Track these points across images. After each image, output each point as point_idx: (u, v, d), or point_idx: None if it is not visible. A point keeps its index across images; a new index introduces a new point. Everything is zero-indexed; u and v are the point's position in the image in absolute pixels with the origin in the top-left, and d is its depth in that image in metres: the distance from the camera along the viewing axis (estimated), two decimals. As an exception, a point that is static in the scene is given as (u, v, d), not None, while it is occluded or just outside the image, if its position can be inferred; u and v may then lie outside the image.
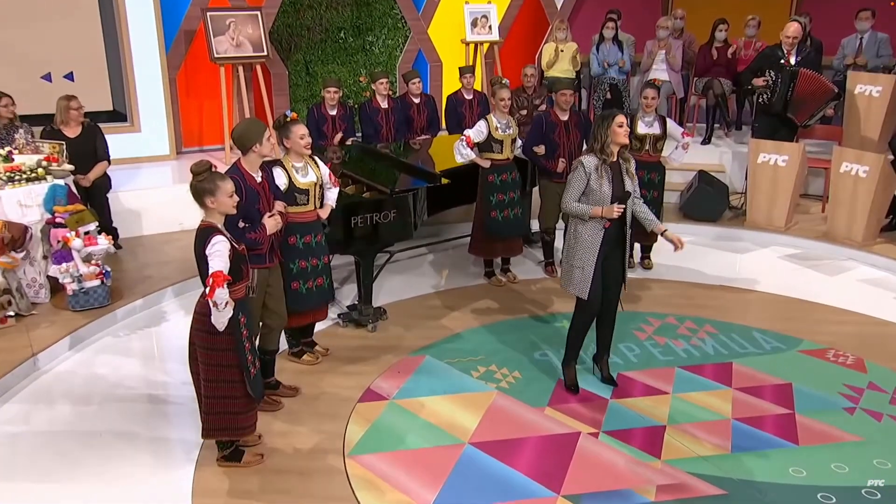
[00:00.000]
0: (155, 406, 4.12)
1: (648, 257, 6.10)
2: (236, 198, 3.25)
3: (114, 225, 5.90)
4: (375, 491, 3.41)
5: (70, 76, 6.77)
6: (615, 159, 3.96)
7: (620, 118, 3.87)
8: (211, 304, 3.06)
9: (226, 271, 3.07)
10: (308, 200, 4.07)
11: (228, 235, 3.21)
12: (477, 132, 5.23)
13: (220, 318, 3.11)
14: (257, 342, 3.84)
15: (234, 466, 3.52)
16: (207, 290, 3.04)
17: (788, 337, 4.91)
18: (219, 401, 3.31)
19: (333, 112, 6.35)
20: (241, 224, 3.58)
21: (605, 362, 4.36)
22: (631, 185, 3.98)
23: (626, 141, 3.90)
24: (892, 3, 8.10)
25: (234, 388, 3.30)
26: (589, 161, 3.92)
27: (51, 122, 5.67)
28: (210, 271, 3.05)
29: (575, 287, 4.04)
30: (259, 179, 3.71)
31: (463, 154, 5.19)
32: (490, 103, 6.03)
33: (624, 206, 3.89)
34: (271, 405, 4.02)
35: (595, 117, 4.01)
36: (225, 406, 3.33)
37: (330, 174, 4.25)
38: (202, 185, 3.16)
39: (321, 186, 4.17)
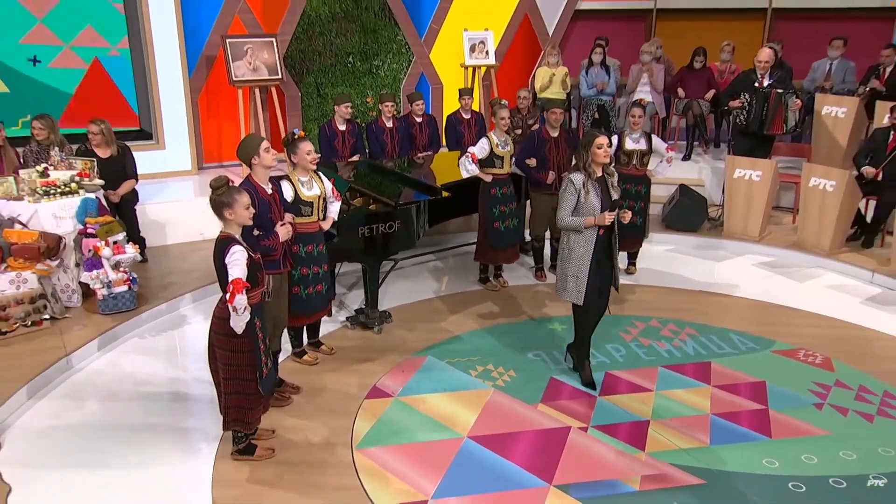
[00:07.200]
0: (177, 402, 4.14)
1: (633, 264, 6.11)
2: (252, 210, 3.26)
3: (141, 235, 5.89)
4: (382, 481, 3.42)
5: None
6: (601, 174, 4.00)
7: (600, 140, 3.90)
8: (231, 309, 3.07)
9: (244, 279, 3.07)
10: (312, 212, 4.08)
11: (245, 245, 3.22)
12: (480, 149, 5.27)
13: (239, 322, 3.13)
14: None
15: (248, 459, 3.54)
16: (228, 296, 3.05)
17: (762, 338, 4.92)
18: (234, 397, 3.34)
19: (343, 127, 6.32)
20: (256, 232, 3.60)
21: (586, 366, 4.31)
22: (616, 195, 4.03)
23: (607, 160, 3.94)
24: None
25: (247, 385, 3.32)
26: (577, 178, 3.96)
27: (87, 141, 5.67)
28: (230, 279, 3.05)
29: (570, 295, 4.06)
30: (270, 191, 3.75)
31: (468, 169, 5.23)
32: (489, 123, 6.05)
33: (615, 213, 3.94)
34: (281, 400, 4.03)
35: (583, 135, 4.06)
36: (239, 402, 3.35)
37: (333, 189, 4.26)
38: (221, 198, 3.17)
39: (324, 199, 4.18)
